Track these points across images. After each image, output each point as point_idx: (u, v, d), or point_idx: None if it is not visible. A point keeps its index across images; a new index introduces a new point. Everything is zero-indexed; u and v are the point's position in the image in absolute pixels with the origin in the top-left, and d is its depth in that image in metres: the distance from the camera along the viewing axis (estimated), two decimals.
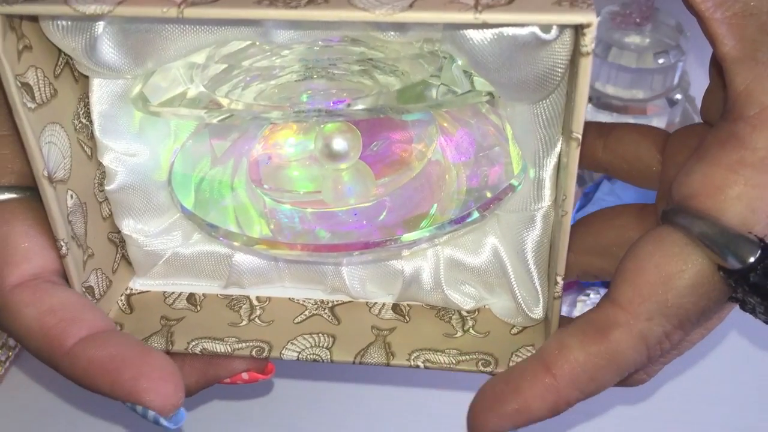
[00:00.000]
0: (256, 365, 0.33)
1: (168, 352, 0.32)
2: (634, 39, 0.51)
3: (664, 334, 0.29)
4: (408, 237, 0.31)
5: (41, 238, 0.31)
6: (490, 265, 0.33)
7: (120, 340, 0.30)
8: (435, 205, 0.33)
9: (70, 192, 0.31)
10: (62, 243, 0.30)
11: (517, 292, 0.33)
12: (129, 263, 0.35)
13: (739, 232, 0.28)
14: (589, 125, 0.33)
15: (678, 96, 0.52)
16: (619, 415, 0.43)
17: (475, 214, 0.32)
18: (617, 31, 0.51)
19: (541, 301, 0.32)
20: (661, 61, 0.50)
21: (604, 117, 0.52)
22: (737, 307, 0.30)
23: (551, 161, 0.30)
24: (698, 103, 0.55)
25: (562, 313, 0.46)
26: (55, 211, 0.30)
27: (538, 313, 0.32)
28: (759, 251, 0.27)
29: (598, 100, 0.52)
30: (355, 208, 0.33)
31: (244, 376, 0.33)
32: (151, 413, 0.29)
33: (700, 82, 0.58)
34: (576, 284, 0.48)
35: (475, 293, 0.34)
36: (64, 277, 0.31)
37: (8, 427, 0.44)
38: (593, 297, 0.45)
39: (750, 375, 0.45)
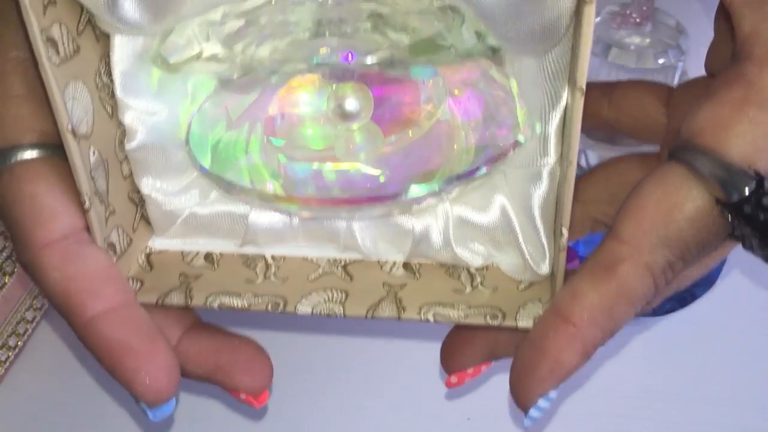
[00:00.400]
0: (258, 386, 0.34)
1: (186, 305, 0.33)
2: (634, 39, 0.51)
3: (667, 264, 0.30)
4: (417, 191, 0.32)
5: (66, 196, 0.31)
6: (498, 222, 0.34)
7: (131, 323, 0.31)
8: (444, 163, 0.34)
9: (92, 148, 0.31)
10: (86, 198, 0.31)
11: (524, 248, 0.33)
12: (148, 223, 0.36)
13: (740, 166, 0.28)
14: (593, 84, 0.35)
15: None
16: (619, 414, 0.43)
17: (483, 170, 0.32)
18: (617, 31, 0.51)
19: (548, 257, 0.33)
20: (661, 61, 0.50)
21: None
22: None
23: (557, 115, 0.31)
24: None
25: None
26: (79, 165, 0.30)
27: (544, 268, 0.33)
28: (754, 183, 0.28)
29: None
30: (365, 164, 0.34)
31: (242, 396, 0.34)
32: (141, 403, 0.31)
33: None
34: (577, 256, 0.48)
35: (483, 251, 0.34)
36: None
37: (8, 427, 0.44)
38: None
39: (750, 376, 0.45)
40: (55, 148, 0.31)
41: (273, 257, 0.35)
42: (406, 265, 0.35)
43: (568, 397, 0.44)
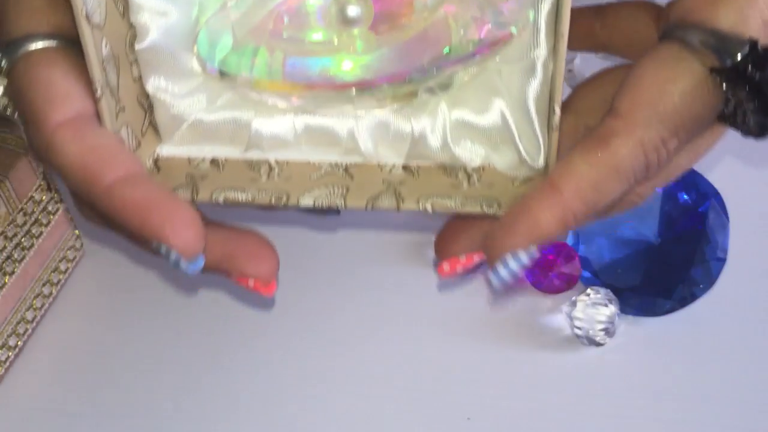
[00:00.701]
0: (265, 273, 0.35)
1: (193, 201, 0.35)
2: None
3: (660, 139, 0.31)
4: (417, 75, 0.34)
5: (80, 84, 0.32)
6: (494, 123, 0.35)
7: (152, 185, 0.32)
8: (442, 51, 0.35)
9: (105, 40, 0.32)
10: (98, 86, 0.32)
11: (519, 144, 0.34)
12: (156, 131, 0.37)
13: (731, 32, 0.30)
14: (585, 8, 0.37)
15: None
16: (618, 414, 0.43)
17: (477, 57, 0.34)
18: None
19: (542, 150, 0.34)
20: None
21: None
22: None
23: (547, 4, 0.32)
24: None
25: (563, 314, 0.46)
26: (92, 52, 0.31)
27: (539, 162, 0.34)
28: (748, 46, 0.30)
29: None
30: (369, 57, 0.35)
31: (250, 283, 0.35)
32: (173, 255, 0.31)
33: None
34: (576, 281, 0.48)
35: (480, 151, 0.35)
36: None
37: (8, 427, 0.44)
38: (593, 296, 0.45)
39: (750, 376, 0.45)
40: (68, 42, 0.33)
41: (276, 161, 0.36)
42: (406, 167, 0.36)
43: (568, 397, 0.44)
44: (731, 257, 0.47)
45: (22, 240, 0.45)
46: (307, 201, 0.34)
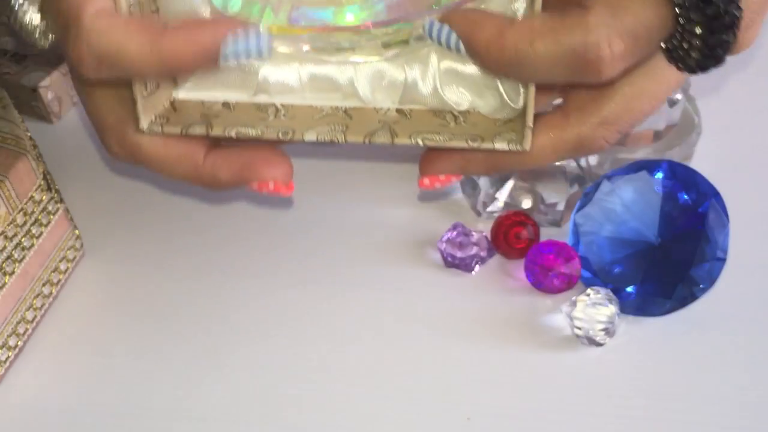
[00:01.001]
0: (282, 174, 0.40)
1: (207, 136, 0.39)
2: None
3: (618, 34, 0.33)
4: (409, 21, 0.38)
5: None
6: (480, 72, 0.39)
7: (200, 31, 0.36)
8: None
9: None
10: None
11: (501, 89, 0.39)
12: (173, 81, 0.41)
13: None
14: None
15: (678, 96, 0.52)
16: (619, 414, 0.43)
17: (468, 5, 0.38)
18: None
19: (522, 93, 0.38)
20: None
21: None
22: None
23: None
24: (698, 103, 0.55)
25: (563, 314, 0.46)
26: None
27: (519, 102, 0.39)
28: None
29: None
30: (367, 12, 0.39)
31: (270, 185, 0.40)
32: (252, 44, 0.36)
33: (700, 82, 0.58)
34: (576, 282, 0.48)
35: (467, 98, 0.40)
36: None
37: (8, 427, 0.44)
38: (593, 296, 0.45)
39: (750, 376, 0.45)
40: None
41: (282, 104, 0.41)
42: (399, 110, 0.41)
43: (568, 397, 0.44)
44: (731, 257, 0.47)
45: (22, 240, 0.45)
46: (310, 136, 0.38)
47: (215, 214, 0.54)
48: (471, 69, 0.39)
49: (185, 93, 0.41)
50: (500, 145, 0.38)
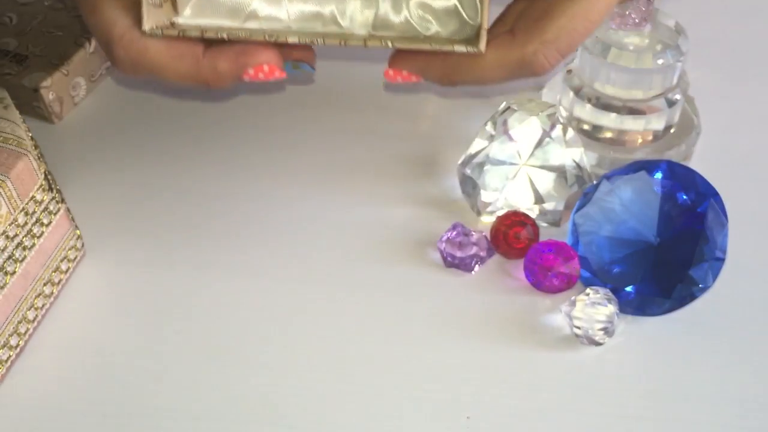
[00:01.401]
0: (274, 57, 0.44)
1: (202, 36, 0.43)
2: (633, 39, 0.51)
3: None
4: None
5: None
6: (447, 6, 0.45)
7: None
8: None
9: None
10: None
11: (463, 12, 0.45)
12: (173, 4, 0.45)
13: None
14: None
15: (677, 96, 0.52)
16: (619, 414, 0.43)
17: None
18: (616, 32, 0.51)
19: (479, 10, 0.44)
20: (660, 61, 0.50)
21: (604, 118, 0.52)
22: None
23: None
24: (697, 103, 0.56)
25: (562, 313, 0.47)
26: None
27: (476, 20, 0.44)
28: None
29: (597, 100, 0.52)
30: None
31: (265, 68, 0.44)
32: None
33: (699, 83, 0.58)
34: (575, 281, 0.48)
35: (434, 25, 0.45)
36: None
37: (8, 427, 0.44)
38: (593, 296, 0.45)
39: (750, 376, 0.45)
40: None
41: (270, 33, 0.45)
42: (373, 36, 0.46)
43: (568, 396, 0.44)
44: (730, 257, 0.47)
45: (24, 240, 0.45)
46: (293, 38, 0.44)
47: (215, 214, 0.54)
48: (438, 3, 0.45)
49: (184, 19, 0.45)
50: (459, 48, 0.43)
